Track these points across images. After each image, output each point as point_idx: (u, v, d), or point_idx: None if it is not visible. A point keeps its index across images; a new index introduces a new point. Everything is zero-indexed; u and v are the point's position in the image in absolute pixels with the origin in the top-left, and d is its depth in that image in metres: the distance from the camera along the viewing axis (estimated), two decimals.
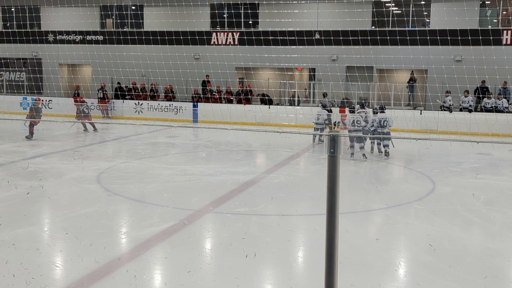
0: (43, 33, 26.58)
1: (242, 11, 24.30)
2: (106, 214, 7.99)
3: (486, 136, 16.28)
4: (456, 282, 5.63)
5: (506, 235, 7.42)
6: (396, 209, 8.56)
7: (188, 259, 6.09)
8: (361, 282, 5.53)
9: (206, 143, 16.15)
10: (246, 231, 7.19)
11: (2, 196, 8.85)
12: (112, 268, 5.84)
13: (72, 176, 10.54)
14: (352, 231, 7.13)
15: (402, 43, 20.31)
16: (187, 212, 8.07)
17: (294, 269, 5.99)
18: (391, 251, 6.66)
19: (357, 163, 12.79)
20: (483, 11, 22.10)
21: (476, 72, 16.36)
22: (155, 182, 10.17)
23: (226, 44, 24.11)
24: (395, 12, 22.95)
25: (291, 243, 6.81)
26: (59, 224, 7.50)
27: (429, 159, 13.72)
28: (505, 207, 8.76)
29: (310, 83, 23.97)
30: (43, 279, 5.46)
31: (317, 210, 8.03)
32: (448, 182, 10.70)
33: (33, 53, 26.52)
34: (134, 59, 19.76)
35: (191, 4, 21.63)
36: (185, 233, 7.10)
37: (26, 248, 6.31)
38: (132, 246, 6.62)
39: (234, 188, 9.72)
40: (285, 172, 11.63)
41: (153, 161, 12.69)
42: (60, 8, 25.27)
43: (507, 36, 21.01)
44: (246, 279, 5.57)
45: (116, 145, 15.72)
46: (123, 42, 24.19)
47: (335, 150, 3.27)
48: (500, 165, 13.15)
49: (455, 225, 7.69)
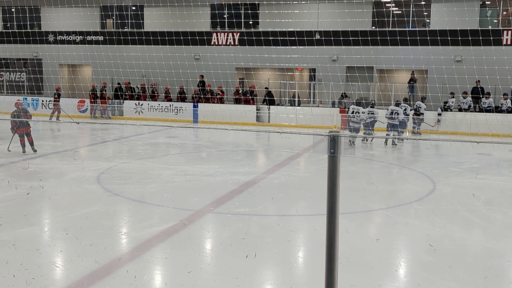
0: (43, 33, 26.58)
1: (242, 11, 24.30)
2: (106, 215, 7.99)
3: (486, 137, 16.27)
4: (456, 282, 5.63)
5: (507, 235, 7.42)
6: (396, 209, 8.55)
7: (188, 259, 6.09)
8: (361, 283, 5.53)
9: (206, 143, 16.16)
10: (247, 232, 7.19)
11: (2, 196, 8.85)
12: (112, 268, 5.84)
13: (73, 176, 10.54)
14: (352, 232, 7.13)
15: (402, 43, 20.30)
16: (187, 212, 8.06)
17: (294, 269, 5.99)
18: (392, 251, 6.66)
19: (357, 163, 12.78)
20: (483, 11, 22.09)
21: (477, 73, 16.37)
22: (155, 182, 10.17)
23: (226, 44, 24.10)
24: (395, 13, 22.94)
25: (291, 243, 6.80)
26: (59, 225, 7.50)
27: (429, 159, 13.72)
28: (506, 207, 8.76)
29: (310, 83, 23.96)
30: (43, 280, 5.46)
31: (317, 210, 8.02)
32: (449, 182, 10.70)
33: (33, 54, 26.52)
34: (134, 59, 19.77)
35: (191, 5, 21.64)
36: (185, 234, 7.09)
37: (26, 249, 6.31)
38: (133, 246, 6.62)
39: (235, 189, 9.72)
40: (285, 172, 11.63)
41: (153, 161, 12.68)
42: (60, 8, 25.27)
43: (507, 37, 21.00)
44: (247, 279, 5.56)
45: (116, 146, 15.73)
46: (123, 43, 24.20)
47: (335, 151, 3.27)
48: (501, 165, 13.15)
49: (456, 225, 7.69)
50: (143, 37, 24.46)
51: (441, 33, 20.35)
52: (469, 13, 20.08)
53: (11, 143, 13.05)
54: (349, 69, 22.57)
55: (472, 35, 18.74)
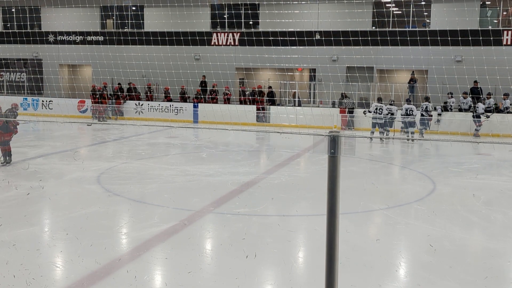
0: (44, 33, 26.58)
1: (243, 11, 24.29)
2: (106, 215, 7.99)
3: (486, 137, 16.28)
4: (456, 282, 5.63)
5: (507, 235, 7.42)
6: (396, 210, 8.55)
7: (188, 259, 6.09)
8: (362, 283, 5.53)
9: (206, 143, 16.15)
10: (247, 232, 7.19)
11: (3, 196, 8.85)
12: (112, 268, 5.84)
13: (73, 176, 10.54)
14: (352, 232, 7.13)
15: (403, 43, 20.30)
16: (188, 212, 8.07)
17: (295, 269, 5.99)
18: (392, 251, 6.66)
19: (357, 163, 12.78)
20: (484, 11, 22.09)
21: (477, 73, 16.36)
22: (156, 182, 10.17)
23: (227, 44, 24.10)
24: (395, 13, 22.94)
25: (292, 243, 6.80)
26: (59, 225, 7.50)
27: (429, 160, 13.72)
28: (506, 207, 8.76)
29: (310, 83, 23.96)
30: (44, 280, 5.46)
31: (318, 210, 8.02)
32: (449, 183, 10.70)
33: (34, 54, 26.52)
34: (135, 60, 19.76)
35: (191, 5, 21.64)
36: (185, 234, 7.09)
37: (26, 249, 6.31)
38: (133, 246, 6.62)
39: (235, 189, 9.72)
40: (285, 172, 11.63)
41: (154, 161, 12.68)
42: (61, 8, 25.27)
43: (508, 37, 20.99)
44: (247, 279, 5.57)
45: (117, 146, 15.73)
46: (124, 43, 24.19)
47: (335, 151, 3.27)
48: (501, 165, 13.15)
49: (456, 226, 7.68)
50: (143, 37, 24.47)
51: (441, 33, 20.35)
52: (469, 13, 20.08)
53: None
54: (349, 69, 22.57)
55: (472, 35, 18.74)
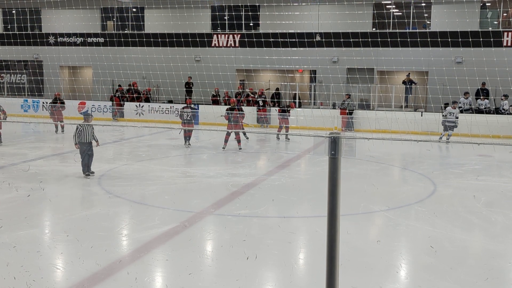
0: (44, 35, 26.61)
1: (243, 13, 24.31)
2: (107, 216, 7.99)
3: (487, 138, 16.26)
4: (457, 283, 5.62)
5: (507, 236, 7.42)
6: (397, 211, 8.55)
7: (189, 261, 6.09)
8: (362, 284, 5.52)
9: (207, 145, 16.15)
10: (247, 233, 7.19)
11: (3, 198, 8.85)
12: (113, 270, 5.84)
13: (73, 178, 10.54)
14: (353, 233, 7.13)
15: (403, 45, 20.30)
16: (188, 214, 8.07)
17: (295, 271, 5.98)
18: (392, 253, 6.66)
19: (357, 164, 12.78)
20: (484, 13, 22.09)
21: (477, 74, 16.36)
22: (156, 184, 10.17)
23: (227, 46, 24.12)
24: (395, 14, 22.95)
25: (292, 245, 6.80)
26: (60, 226, 7.50)
27: (430, 161, 13.71)
28: (506, 208, 8.76)
29: (311, 85, 23.96)
30: (44, 282, 5.46)
31: (318, 212, 8.02)
32: (449, 184, 10.70)
33: (34, 55, 26.53)
34: (135, 61, 19.77)
35: (191, 6, 21.66)
36: (186, 235, 7.10)
37: (27, 251, 6.31)
38: (133, 248, 6.61)
39: (235, 190, 9.72)
40: (286, 174, 11.63)
41: (154, 163, 12.69)
42: (61, 10, 25.31)
43: (508, 38, 21.00)
44: (247, 281, 5.56)
45: (117, 147, 15.73)
46: (124, 44, 24.21)
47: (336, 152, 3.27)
48: (501, 166, 13.14)
49: (456, 227, 7.68)
50: (143, 39, 24.49)
51: (441, 34, 20.36)
52: (470, 15, 20.10)
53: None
54: (349, 71, 22.57)
55: (472, 36, 18.74)
